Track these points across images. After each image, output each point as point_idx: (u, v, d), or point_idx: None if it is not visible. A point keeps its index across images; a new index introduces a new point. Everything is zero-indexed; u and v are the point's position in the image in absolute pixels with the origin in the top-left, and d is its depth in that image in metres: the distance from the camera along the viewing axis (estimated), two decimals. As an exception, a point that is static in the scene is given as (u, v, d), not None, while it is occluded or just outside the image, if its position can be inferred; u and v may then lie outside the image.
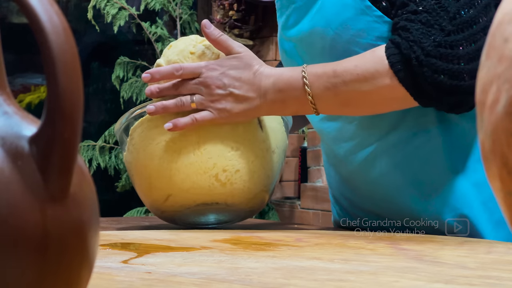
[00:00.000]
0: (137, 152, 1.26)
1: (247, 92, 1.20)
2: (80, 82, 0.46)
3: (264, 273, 0.80)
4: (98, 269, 0.58)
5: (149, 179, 1.26)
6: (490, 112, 0.43)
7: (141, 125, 1.25)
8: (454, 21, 1.14)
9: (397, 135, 1.25)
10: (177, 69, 1.22)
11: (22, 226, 0.45)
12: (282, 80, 1.20)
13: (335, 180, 1.37)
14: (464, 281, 0.76)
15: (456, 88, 1.13)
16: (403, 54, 1.14)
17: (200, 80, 1.21)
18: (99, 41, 4.23)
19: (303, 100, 1.19)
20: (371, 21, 1.20)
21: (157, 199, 1.26)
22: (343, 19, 1.22)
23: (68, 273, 0.47)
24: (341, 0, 1.22)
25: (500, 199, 0.44)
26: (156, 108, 1.22)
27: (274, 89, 1.20)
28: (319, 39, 1.25)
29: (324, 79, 1.18)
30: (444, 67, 1.12)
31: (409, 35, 1.14)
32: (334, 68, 1.18)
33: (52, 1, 0.46)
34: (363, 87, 1.16)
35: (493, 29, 0.45)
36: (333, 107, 1.21)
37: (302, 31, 1.28)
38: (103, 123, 4.06)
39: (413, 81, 1.14)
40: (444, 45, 1.13)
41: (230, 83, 1.20)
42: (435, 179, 1.24)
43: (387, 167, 1.26)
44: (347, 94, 1.17)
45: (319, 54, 1.26)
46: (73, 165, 0.46)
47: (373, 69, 1.16)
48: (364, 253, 0.97)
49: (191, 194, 1.23)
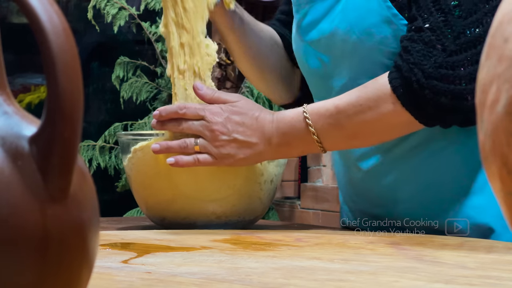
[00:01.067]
0: (136, 171, 1.29)
1: (251, 138, 1.20)
2: (80, 82, 0.46)
3: (264, 273, 0.80)
4: (98, 269, 0.58)
5: (146, 199, 1.31)
6: (490, 112, 0.43)
7: (142, 150, 1.28)
8: (458, 40, 1.12)
9: (414, 141, 1.23)
10: (181, 107, 1.21)
11: (22, 226, 0.45)
12: (284, 123, 1.19)
13: (345, 182, 1.35)
14: (464, 281, 0.76)
15: (459, 109, 1.12)
16: (404, 77, 1.13)
17: (204, 124, 1.20)
18: (99, 41, 4.22)
19: (309, 140, 1.18)
20: (397, 29, 1.18)
21: (155, 220, 1.32)
22: (368, 25, 1.20)
23: (68, 273, 0.47)
24: (366, 5, 1.20)
25: (500, 199, 0.44)
26: (160, 148, 1.22)
27: (278, 133, 1.19)
28: (340, 42, 1.23)
29: (326, 116, 1.17)
30: (445, 89, 1.11)
31: (410, 57, 1.13)
32: (335, 104, 1.17)
33: (52, 1, 0.46)
34: (368, 116, 1.15)
35: (493, 29, 0.45)
36: (340, 142, 1.20)
37: (321, 32, 1.26)
38: (103, 123, 4.05)
39: (416, 104, 1.13)
40: (445, 66, 1.12)
41: (233, 129, 1.20)
42: (450, 186, 1.23)
43: (400, 174, 1.25)
44: (352, 127, 1.17)
45: (339, 57, 1.24)
46: (73, 165, 0.46)
47: (375, 96, 1.15)
48: (364, 253, 0.97)
49: (187, 220, 1.28)
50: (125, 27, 4.00)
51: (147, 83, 3.90)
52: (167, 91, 3.92)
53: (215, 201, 1.27)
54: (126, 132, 1.44)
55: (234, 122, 1.20)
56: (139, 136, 1.32)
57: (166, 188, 1.27)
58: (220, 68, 3.95)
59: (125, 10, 3.83)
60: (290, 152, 1.23)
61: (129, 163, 1.30)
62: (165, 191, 1.27)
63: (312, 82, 1.34)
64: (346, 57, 1.23)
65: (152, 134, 1.31)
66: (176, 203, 1.27)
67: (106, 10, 3.79)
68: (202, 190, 1.26)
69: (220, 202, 1.27)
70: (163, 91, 3.92)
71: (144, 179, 1.29)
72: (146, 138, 1.28)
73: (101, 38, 4.17)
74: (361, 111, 1.15)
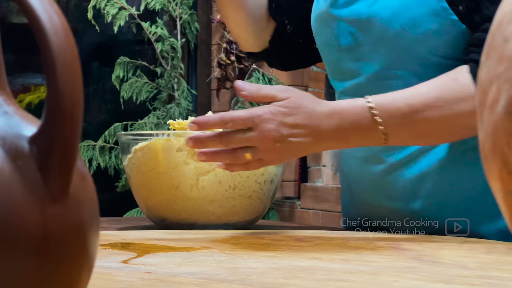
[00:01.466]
0: (137, 171, 1.29)
1: (306, 138, 1.09)
2: (80, 82, 0.46)
3: (264, 273, 0.80)
4: (98, 269, 0.58)
5: (146, 199, 1.31)
6: (490, 112, 0.43)
7: (142, 150, 1.28)
8: None
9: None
10: (226, 120, 1.08)
11: (22, 226, 0.45)
12: (346, 119, 1.10)
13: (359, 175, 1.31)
14: (464, 281, 0.76)
15: None
16: None
17: (256, 135, 1.08)
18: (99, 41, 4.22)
19: (373, 138, 1.10)
20: (445, 24, 1.14)
21: (155, 220, 1.33)
22: (413, 15, 1.14)
23: (68, 273, 0.47)
24: None
25: (500, 199, 0.44)
26: (206, 157, 1.10)
27: (337, 129, 1.10)
28: (379, 29, 1.18)
29: (398, 116, 1.09)
30: None
31: None
32: (409, 103, 1.09)
33: (52, 1, 0.46)
34: (445, 118, 1.09)
35: (493, 29, 0.45)
36: (405, 141, 1.15)
37: (358, 14, 1.20)
38: (103, 123, 4.05)
39: None
40: None
41: (288, 133, 1.08)
42: (475, 185, 1.20)
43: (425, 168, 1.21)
44: (424, 128, 1.10)
45: (375, 42, 1.19)
46: (73, 165, 0.46)
47: (457, 98, 1.09)
48: (364, 253, 0.97)
49: (187, 220, 1.30)
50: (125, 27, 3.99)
51: (147, 83, 3.90)
52: (167, 91, 3.92)
53: (215, 201, 1.27)
54: (126, 132, 1.45)
55: (288, 125, 1.09)
56: (139, 136, 1.32)
57: (166, 188, 1.27)
58: (220, 68, 3.95)
59: (125, 10, 3.83)
60: (344, 146, 1.18)
61: (129, 163, 1.30)
62: (165, 191, 1.27)
63: (334, 59, 1.28)
64: (383, 44, 1.18)
65: (152, 134, 1.31)
66: (176, 203, 1.27)
67: (106, 10, 3.79)
68: (202, 191, 1.26)
69: (220, 203, 1.27)
70: (163, 91, 3.92)
71: (144, 179, 1.29)
72: (146, 138, 1.28)
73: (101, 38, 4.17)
74: (440, 114, 1.09)
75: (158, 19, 3.92)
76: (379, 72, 1.20)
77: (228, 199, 1.27)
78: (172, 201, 1.27)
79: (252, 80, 3.76)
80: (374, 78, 1.19)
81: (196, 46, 4.10)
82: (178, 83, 3.90)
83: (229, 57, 3.89)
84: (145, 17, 3.89)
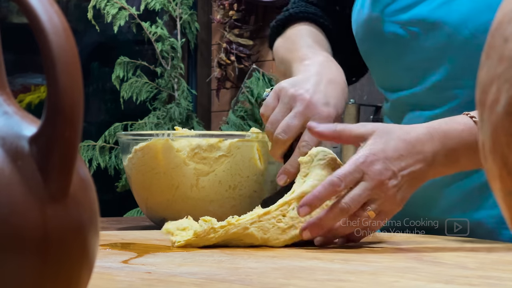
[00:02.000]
0: (137, 171, 1.29)
1: (416, 166, 1.00)
2: (80, 82, 0.46)
3: (264, 273, 0.80)
4: (98, 269, 0.58)
5: (146, 199, 1.31)
6: (490, 112, 0.43)
7: (142, 150, 1.28)
8: None
9: None
10: (336, 184, 0.98)
11: (22, 226, 0.45)
12: (451, 138, 1.02)
13: None
14: (464, 281, 0.76)
15: None
16: None
17: (369, 183, 0.98)
18: (99, 41, 4.22)
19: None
20: None
21: (155, 220, 1.32)
22: (485, 21, 1.07)
23: (68, 273, 0.47)
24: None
25: (500, 199, 0.44)
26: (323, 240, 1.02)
27: (444, 150, 1.02)
28: (445, 35, 1.11)
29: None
30: None
31: None
32: None
33: (52, 1, 0.46)
34: None
35: (493, 29, 0.45)
36: None
37: (419, 17, 1.14)
38: (103, 123, 4.06)
39: None
40: None
41: (398, 167, 1.00)
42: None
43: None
44: None
45: (440, 49, 1.12)
46: (73, 165, 0.46)
47: None
48: (364, 253, 0.97)
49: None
50: (125, 27, 4.00)
51: (147, 83, 3.91)
52: (167, 91, 3.92)
53: (215, 201, 1.27)
54: (126, 132, 1.45)
55: (394, 159, 0.99)
56: (139, 136, 1.32)
57: (166, 188, 1.27)
58: (220, 68, 3.95)
59: (125, 10, 3.83)
60: (456, 169, 1.06)
61: (129, 163, 1.30)
62: (165, 191, 1.27)
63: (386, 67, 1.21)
64: (449, 51, 1.12)
65: (152, 134, 1.31)
66: (176, 203, 1.27)
67: (106, 10, 3.80)
68: (202, 191, 1.26)
69: (220, 203, 1.27)
70: (163, 91, 3.93)
71: (144, 179, 1.29)
72: (146, 138, 1.28)
73: (101, 38, 4.18)
74: None
75: (158, 19, 3.92)
76: (442, 81, 1.15)
77: (228, 199, 1.27)
78: (172, 201, 1.27)
79: (252, 80, 3.76)
80: (436, 87, 1.15)
81: (196, 46, 4.11)
82: (178, 83, 3.90)
83: (229, 57, 3.89)
84: (145, 17, 3.90)
